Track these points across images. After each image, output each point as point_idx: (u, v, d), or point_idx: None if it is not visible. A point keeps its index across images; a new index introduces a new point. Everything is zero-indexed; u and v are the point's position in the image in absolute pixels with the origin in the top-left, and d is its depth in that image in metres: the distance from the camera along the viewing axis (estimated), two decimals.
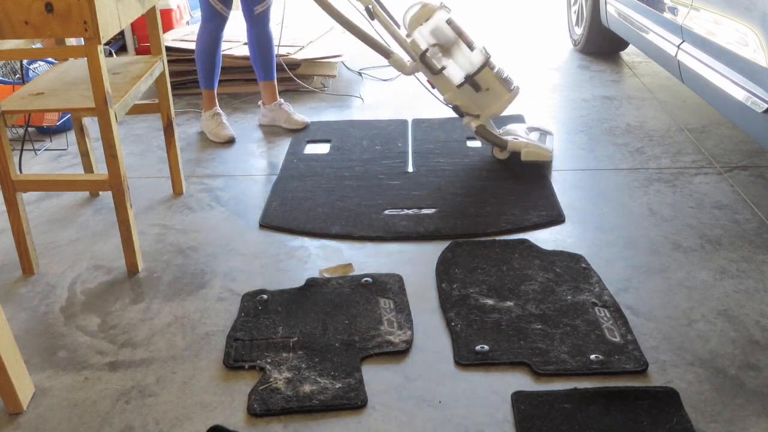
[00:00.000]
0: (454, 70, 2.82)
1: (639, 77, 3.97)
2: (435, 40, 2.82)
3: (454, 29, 2.82)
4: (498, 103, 2.84)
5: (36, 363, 1.86)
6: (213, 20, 3.13)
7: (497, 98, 2.84)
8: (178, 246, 2.41)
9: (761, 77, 2.29)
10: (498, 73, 2.82)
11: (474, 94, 2.82)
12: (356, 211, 2.56)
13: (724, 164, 2.86)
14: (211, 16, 3.12)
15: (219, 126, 3.28)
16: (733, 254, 2.24)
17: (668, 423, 1.57)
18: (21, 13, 1.87)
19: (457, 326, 1.92)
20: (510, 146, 2.89)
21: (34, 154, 3.21)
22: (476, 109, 2.86)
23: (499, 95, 2.84)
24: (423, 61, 2.79)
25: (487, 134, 2.88)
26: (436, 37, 2.82)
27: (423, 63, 2.79)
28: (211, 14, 3.11)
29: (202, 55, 3.21)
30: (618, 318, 1.93)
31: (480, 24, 5.30)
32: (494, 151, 2.96)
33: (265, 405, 1.67)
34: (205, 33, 3.16)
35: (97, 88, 2.00)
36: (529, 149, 2.88)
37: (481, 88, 2.80)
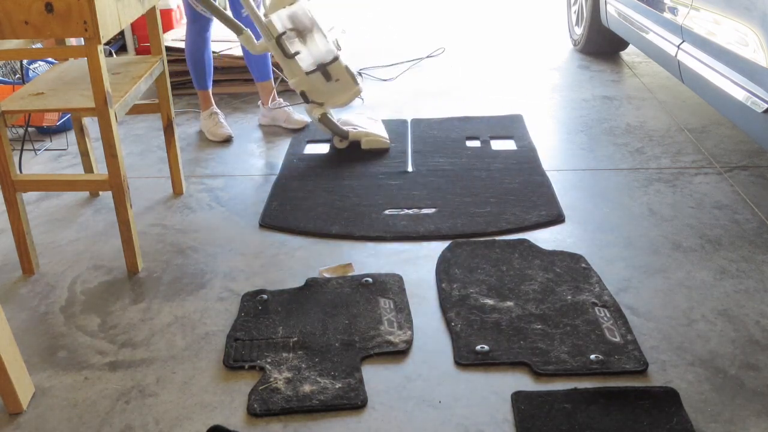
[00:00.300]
0: (305, 56, 2.89)
1: (639, 77, 3.97)
2: (292, 24, 2.88)
3: (312, 18, 2.91)
4: (345, 95, 2.99)
5: (36, 363, 1.86)
6: (196, 21, 3.14)
7: (345, 90, 2.98)
8: (178, 246, 2.41)
9: (761, 77, 2.29)
10: (347, 67, 2.95)
11: (323, 83, 2.92)
12: (356, 211, 2.56)
13: (724, 164, 2.86)
14: (193, 18, 3.14)
15: (216, 125, 3.30)
16: (733, 254, 2.24)
17: (668, 423, 1.57)
18: (21, 13, 1.87)
19: (457, 326, 1.92)
20: (351, 136, 3.04)
21: (34, 154, 3.21)
22: (321, 98, 2.96)
23: (348, 87, 2.98)
24: (278, 43, 2.83)
25: (330, 123, 3.00)
26: (294, 22, 2.88)
27: (278, 45, 2.84)
28: (193, 16, 3.13)
29: (192, 57, 3.22)
30: (618, 318, 1.93)
31: (480, 24, 5.31)
32: (335, 140, 3.08)
33: (265, 405, 1.67)
34: (190, 35, 3.18)
35: (97, 88, 2.00)
36: (369, 138, 3.05)
37: (332, 77, 2.92)
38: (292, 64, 2.88)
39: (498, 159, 2.95)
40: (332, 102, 2.98)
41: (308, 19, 2.92)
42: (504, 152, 3.02)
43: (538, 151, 3.02)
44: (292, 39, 2.86)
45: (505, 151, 3.03)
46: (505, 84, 3.93)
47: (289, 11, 2.90)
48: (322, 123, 2.98)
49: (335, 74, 2.91)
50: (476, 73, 4.13)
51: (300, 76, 2.90)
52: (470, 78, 4.05)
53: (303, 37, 2.88)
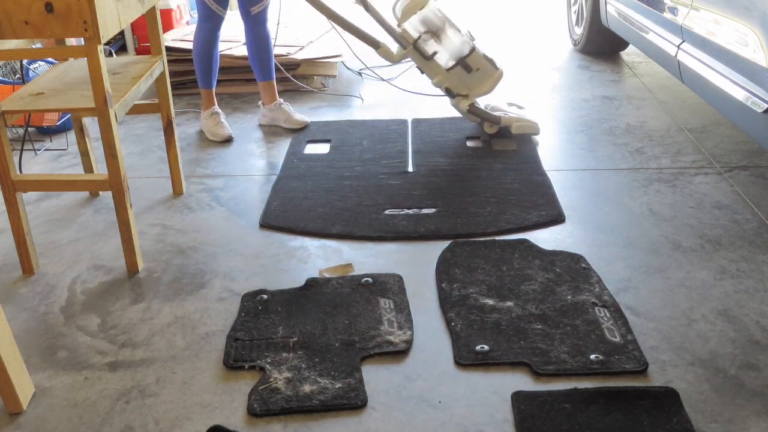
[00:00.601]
0: (443, 54, 2.99)
1: (639, 77, 3.97)
2: (425, 27, 2.98)
3: (442, 16, 3.00)
4: (488, 82, 3.06)
5: (36, 363, 1.86)
6: (209, 20, 3.13)
7: (487, 77, 3.05)
8: (178, 246, 2.41)
9: (761, 77, 2.29)
10: (485, 54, 3.03)
11: (464, 76, 3.01)
12: (356, 211, 2.56)
13: (724, 164, 2.86)
14: (206, 16, 3.12)
15: (217, 125, 3.29)
16: (733, 254, 2.24)
17: (668, 423, 1.57)
18: (21, 13, 1.87)
19: (457, 326, 1.92)
20: (503, 121, 3.10)
21: (34, 154, 3.21)
22: (465, 89, 3.05)
23: (489, 74, 3.06)
24: (416, 48, 2.95)
25: (480, 111, 3.08)
26: (426, 24, 2.98)
27: (416, 50, 2.95)
28: (207, 14, 3.12)
29: (200, 55, 3.21)
30: (618, 318, 1.93)
31: (480, 24, 5.30)
32: (485, 126, 3.14)
33: (265, 405, 1.67)
34: (202, 33, 3.16)
35: (97, 88, 2.00)
36: (519, 123, 3.12)
37: (472, 68, 3.00)
38: (432, 64, 3.01)
39: (498, 159, 2.95)
40: (476, 91, 3.07)
41: (439, 18, 3.02)
42: (504, 152, 3.02)
43: (538, 151, 3.02)
44: (428, 41, 2.98)
45: (506, 151, 3.03)
46: (505, 84, 3.93)
47: (420, 16, 3.01)
48: (472, 113, 3.09)
49: (474, 64, 3.01)
50: None
51: (441, 74, 3.02)
52: None
53: (438, 36, 2.99)
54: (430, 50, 2.98)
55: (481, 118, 3.11)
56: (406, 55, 3.04)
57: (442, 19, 3.03)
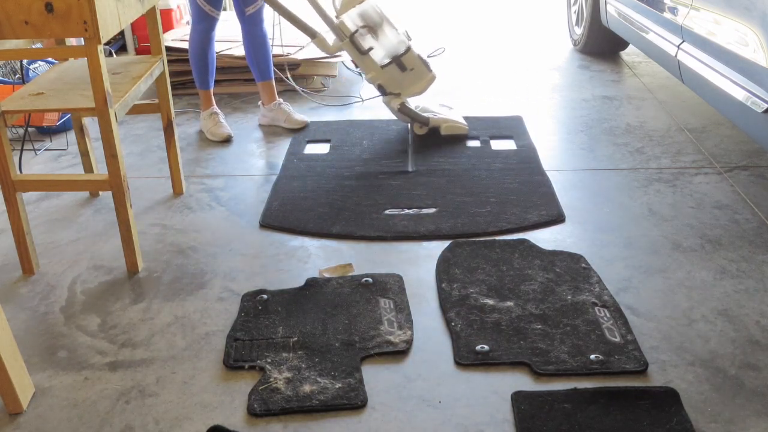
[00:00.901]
0: (378, 51, 3.00)
1: (639, 77, 3.97)
2: (363, 22, 3.00)
3: (380, 13, 3.02)
4: (421, 83, 3.08)
5: (36, 363, 1.86)
6: (202, 21, 3.13)
7: (420, 78, 3.07)
8: (178, 246, 2.41)
9: (761, 77, 2.29)
10: (419, 55, 3.05)
11: (398, 74, 3.02)
12: (356, 210, 2.56)
13: (724, 164, 2.86)
14: (200, 18, 3.13)
15: (216, 125, 3.30)
16: (733, 254, 2.24)
17: (668, 423, 1.57)
18: (21, 13, 1.87)
19: (457, 326, 1.92)
20: (431, 122, 3.13)
21: (34, 154, 3.21)
22: (398, 88, 3.06)
23: (422, 75, 3.07)
24: (352, 41, 2.95)
25: (409, 111, 3.10)
26: (364, 19, 3.00)
27: (351, 43, 2.96)
28: (200, 16, 3.12)
29: (195, 57, 3.22)
30: (618, 318, 1.93)
31: (480, 24, 5.30)
32: (415, 127, 3.17)
33: (265, 405, 1.67)
34: (196, 34, 3.17)
35: (97, 88, 2.00)
36: (448, 124, 3.16)
37: (406, 68, 3.02)
38: (367, 59, 3.01)
39: (498, 159, 2.95)
40: (409, 91, 3.09)
41: (377, 14, 3.04)
42: (504, 152, 3.02)
43: (538, 151, 3.02)
44: (365, 35, 2.99)
45: (505, 151, 3.03)
46: (505, 84, 3.93)
47: (359, 9, 3.02)
48: (402, 112, 3.10)
49: (409, 64, 3.03)
50: (476, 73, 4.13)
51: (376, 70, 3.03)
52: (470, 78, 4.05)
53: (374, 32, 3.01)
54: (366, 45, 2.98)
55: (410, 118, 3.12)
56: (341, 48, 3.03)
57: (380, 16, 3.03)
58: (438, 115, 3.18)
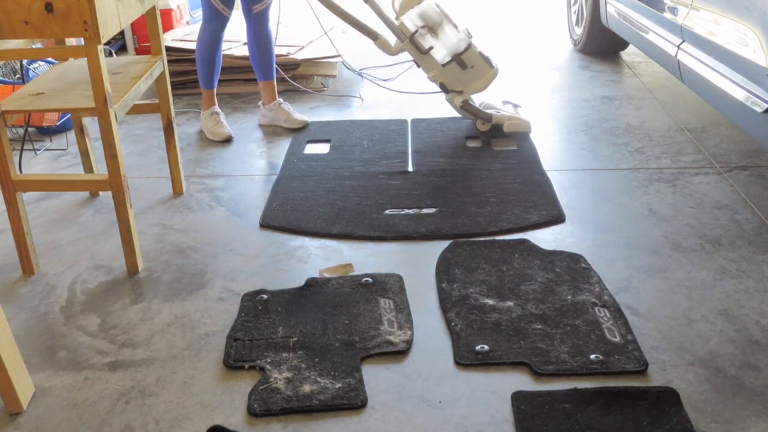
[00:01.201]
0: (439, 50, 3.02)
1: (639, 77, 3.97)
2: (422, 22, 3.02)
3: (440, 12, 3.03)
4: (482, 80, 3.10)
5: (36, 363, 1.86)
6: (214, 20, 3.13)
7: (481, 75, 3.09)
8: (178, 246, 2.41)
9: (761, 77, 2.29)
10: (481, 52, 3.06)
11: (459, 72, 3.04)
12: (356, 210, 2.56)
13: (724, 164, 2.86)
14: (212, 17, 3.13)
15: (217, 125, 3.30)
16: (733, 254, 2.24)
17: (668, 423, 1.57)
18: (21, 13, 1.87)
19: (457, 326, 1.92)
20: (494, 119, 3.12)
21: (34, 154, 3.21)
22: (460, 86, 3.09)
23: (484, 72, 3.09)
24: (412, 41, 2.98)
25: (472, 108, 3.11)
26: (424, 19, 3.02)
27: (412, 44, 2.99)
28: (213, 14, 3.12)
29: (203, 56, 3.22)
30: (618, 318, 1.93)
31: (480, 24, 5.30)
32: (478, 123, 3.18)
33: (265, 405, 1.67)
34: (206, 33, 3.17)
35: (97, 88, 2.00)
36: (511, 122, 3.15)
37: (467, 65, 3.04)
38: (428, 59, 3.04)
39: (498, 159, 2.95)
40: (470, 88, 3.11)
41: (437, 14, 3.06)
42: (504, 152, 3.02)
43: (538, 151, 3.02)
44: (425, 35, 3.02)
45: (505, 151, 3.03)
46: (505, 84, 3.93)
47: (418, 10, 3.04)
48: (465, 109, 3.12)
49: (470, 62, 3.05)
50: None
51: (437, 69, 3.06)
52: None
53: (434, 31, 3.03)
54: (427, 45, 3.01)
55: (473, 115, 3.14)
56: (403, 49, 3.06)
57: (440, 15, 3.05)
58: (501, 112, 3.19)
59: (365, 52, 4.51)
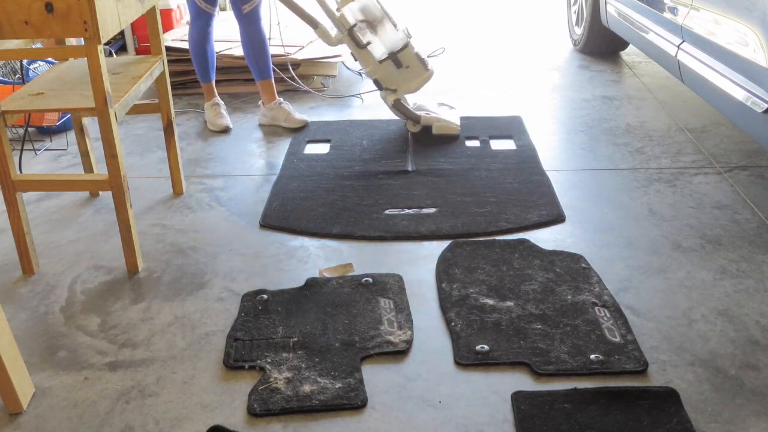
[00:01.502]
0: (377, 46, 3.03)
1: (639, 77, 3.97)
2: (363, 16, 3.03)
3: (381, 8, 3.03)
4: (416, 80, 3.10)
5: (36, 363, 1.86)
6: (199, 18, 3.24)
7: (416, 76, 3.09)
8: (178, 246, 2.41)
9: (761, 77, 2.29)
10: (417, 53, 3.06)
11: (394, 70, 3.05)
12: (356, 210, 2.56)
13: (724, 164, 2.86)
14: (196, 14, 3.24)
15: (216, 115, 3.40)
16: (733, 254, 2.24)
17: (668, 423, 1.57)
18: (21, 13, 1.87)
19: (457, 326, 1.92)
20: (423, 120, 3.14)
21: (34, 154, 3.21)
22: (394, 84, 3.09)
23: (418, 73, 3.09)
24: (350, 34, 2.99)
25: (403, 108, 3.12)
26: (365, 14, 3.03)
27: (350, 37, 3.00)
28: (197, 12, 3.23)
29: (195, 52, 3.34)
30: (618, 318, 1.93)
31: (480, 24, 5.30)
32: (408, 124, 3.19)
33: (265, 405, 1.67)
34: (194, 30, 3.29)
35: (97, 88, 2.00)
36: (440, 123, 3.16)
37: (402, 65, 3.04)
38: (365, 53, 3.04)
39: (497, 159, 2.95)
40: (404, 88, 3.11)
41: (378, 10, 3.06)
42: (503, 152, 3.02)
43: (538, 151, 3.02)
44: (364, 30, 3.03)
45: (505, 151, 3.03)
46: (505, 84, 3.93)
47: (360, 4, 3.05)
48: (396, 108, 3.13)
49: (405, 61, 3.05)
50: (476, 73, 4.13)
51: (373, 64, 3.07)
52: (470, 78, 4.05)
53: (374, 27, 3.03)
54: (365, 40, 3.02)
55: (403, 115, 3.15)
56: (342, 40, 3.07)
57: (380, 11, 3.06)
58: (431, 114, 3.19)
59: None
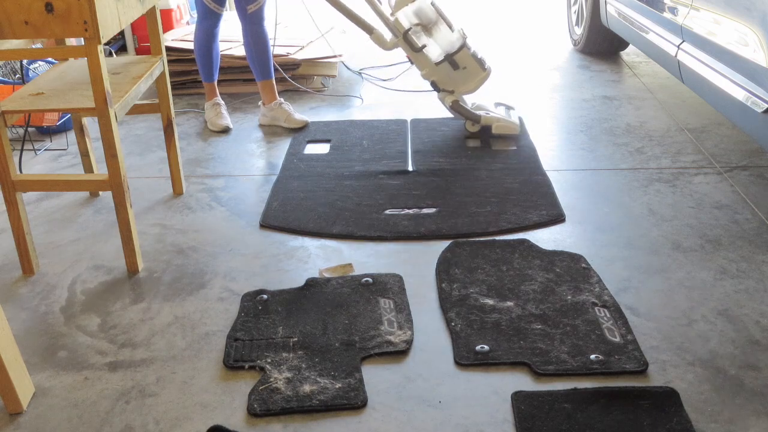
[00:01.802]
0: (433, 48, 3.03)
1: (639, 77, 3.97)
2: (417, 20, 3.04)
3: (436, 11, 3.04)
4: (473, 81, 3.09)
5: (36, 363, 1.86)
6: (207, 18, 3.24)
7: (473, 76, 3.08)
8: (178, 246, 2.41)
9: (761, 77, 2.29)
10: (474, 53, 3.05)
11: (451, 72, 3.04)
12: (356, 210, 2.56)
13: (724, 164, 2.86)
14: (205, 14, 3.23)
15: (217, 115, 3.41)
16: (733, 254, 2.24)
17: (668, 423, 1.57)
18: (21, 13, 1.87)
19: (457, 326, 1.92)
20: (483, 120, 3.13)
21: (34, 154, 3.21)
22: (451, 86, 3.09)
23: (475, 74, 3.08)
24: (405, 38, 2.99)
25: (462, 109, 3.12)
26: (419, 17, 3.04)
27: (405, 41, 2.99)
28: (205, 12, 3.23)
29: (200, 52, 3.34)
30: (618, 318, 1.93)
31: (480, 24, 5.30)
32: (467, 124, 3.19)
33: (265, 405, 1.67)
34: (201, 30, 3.28)
35: (97, 88, 2.00)
36: (500, 123, 3.14)
37: (459, 66, 3.03)
38: (421, 56, 3.05)
39: (498, 159, 2.95)
40: (462, 89, 3.11)
41: (432, 12, 3.07)
42: (503, 152, 3.02)
43: (538, 151, 3.02)
44: (419, 33, 3.03)
45: (505, 151, 3.03)
46: (505, 84, 3.93)
47: (413, 7, 3.06)
48: (455, 109, 3.13)
49: (462, 62, 3.05)
50: None
51: (429, 67, 3.07)
52: None
53: (429, 30, 3.04)
54: (420, 43, 3.02)
55: (462, 115, 3.15)
56: (398, 44, 3.08)
57: (435, 13, 3.07)
58: (491, 114, 3.19)
59: (365, 52, 4.52)
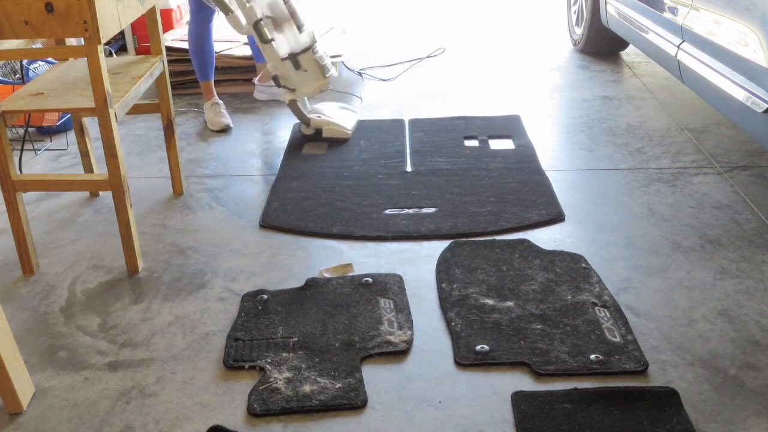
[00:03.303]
0: (282, 43, 3.05)
1: (639, 77, 3.97)
2: (270, 13, 3.05)
3: (288, 9, 3.07)
4: (313, 85, 3.14)
5: (36, 363, 1.86)
6: (200, 11, 3.26)
7: (313, 80, 3.13)
8: (178, 246, 2.41)
9: (761, 77, 2.29)
10: (319, 58, 3.09)
11: (293, 71, 3.08)
12: (356, 210, 2.56)
13: (724, 164, 2.86)
14: (197, 8, 3.25)
15: (216, 115, 3.40)
16: (733, 254, 2.24)
17: (668, 423, 1.57)
18: (21, 13, 1.87)
19: (457, 326, 1.92)
20: (313, 123, 3.19)
21: (34, 154, 3.21)
22: (292, 84, 3.12)
23: (316, 78, 3.12)
24: (255, 28, 3.02)
25: (296, 109, 3.17)
26: (272, 11, 3.05)
27: (255, 29, 3.02)
28: (198, 6, 3.25)
29: (194, 48, 3.35)
30: (618, 318, 1.93)
31: (480, 24, 5.30)
32: (301, 127, 3.25)
33: (265, 405, 1.67)
34: (195, 25, 3.29)
35: (97, 88, 2.00)
36: (330, 127, 3.20)
37: (300, 67, 3.07)
38: (269, 49, 3.04)
39: (497, 158, 2.95)
40: (301, 90, 3.14)
41: (284, 9, 3.07)
42: (502, 152, 3.02)
43: (538, 151, 3.02)
44: (270, 26, 3.03)
45: (503, 151, 3.03)
46: (504, 84, 3.93)
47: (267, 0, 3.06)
48: (290, 108, 3.17)
49: (305, 64, 3.07)
50: (476, 73, 4.13)
51: (276, 61, 3.08)
52: (470, 78, 4.05)
53: (279, 25, 3.04)
54: (270, 36, 3.03)
55: (295, 115, 3.19)
56: (250, 31, 3.09)
57: (285, 11, 3.08)
58: (323, 117, 3.23)
59: (365, 52, 4.52)
